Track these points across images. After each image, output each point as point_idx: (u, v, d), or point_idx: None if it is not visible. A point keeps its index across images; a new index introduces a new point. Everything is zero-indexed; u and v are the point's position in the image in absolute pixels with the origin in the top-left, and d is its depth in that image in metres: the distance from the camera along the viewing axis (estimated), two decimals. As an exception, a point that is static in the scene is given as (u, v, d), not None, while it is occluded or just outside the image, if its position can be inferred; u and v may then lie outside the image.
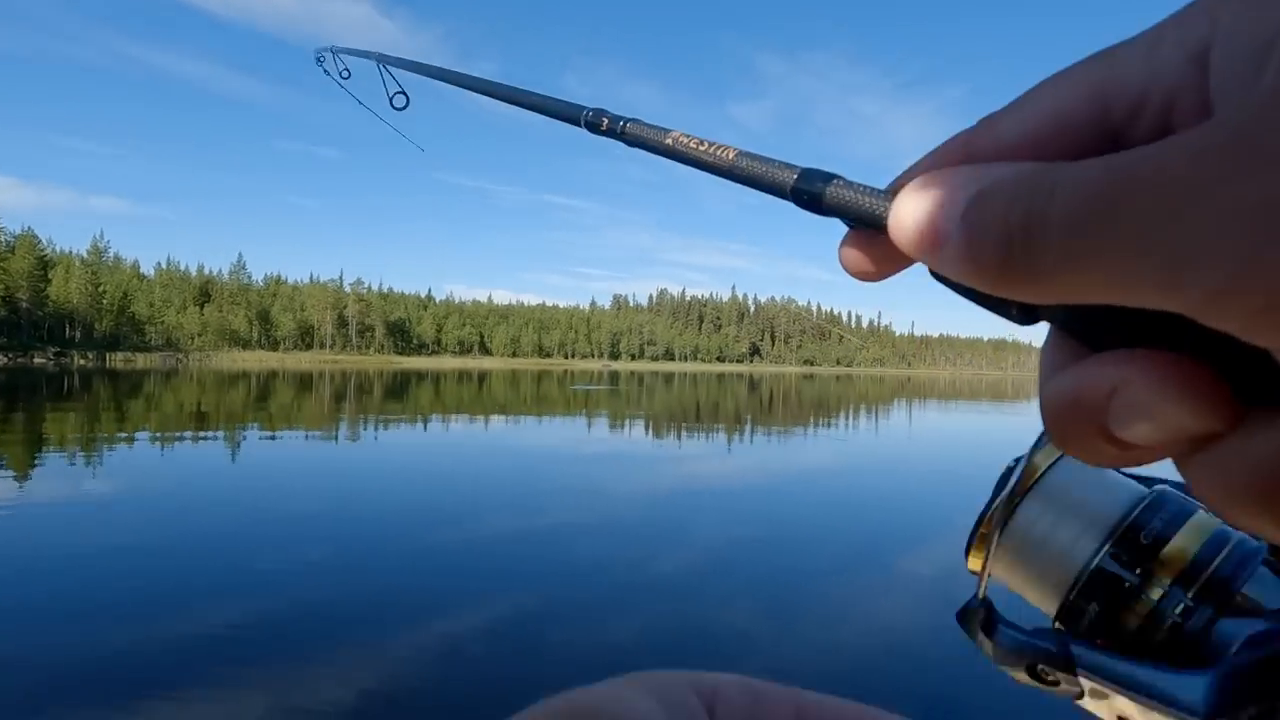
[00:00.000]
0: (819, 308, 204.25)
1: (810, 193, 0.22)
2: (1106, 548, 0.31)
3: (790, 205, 0.25)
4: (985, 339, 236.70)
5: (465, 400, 24.57)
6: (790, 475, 10.12)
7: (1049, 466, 0.33)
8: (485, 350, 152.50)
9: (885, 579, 4.98)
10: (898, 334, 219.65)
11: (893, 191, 0.19)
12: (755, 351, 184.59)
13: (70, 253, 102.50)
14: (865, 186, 0.20)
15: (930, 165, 0.18)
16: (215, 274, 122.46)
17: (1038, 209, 0.14)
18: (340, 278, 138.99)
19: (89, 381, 30.69)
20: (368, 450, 11.34)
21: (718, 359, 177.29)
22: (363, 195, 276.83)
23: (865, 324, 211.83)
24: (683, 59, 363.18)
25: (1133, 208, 0.12)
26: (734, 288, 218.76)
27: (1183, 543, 0.31)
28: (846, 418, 20.91)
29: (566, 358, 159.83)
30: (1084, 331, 0.16)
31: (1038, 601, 0.34)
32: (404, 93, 1.10)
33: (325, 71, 1.43)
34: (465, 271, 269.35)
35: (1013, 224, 0.14)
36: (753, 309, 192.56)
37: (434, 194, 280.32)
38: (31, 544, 5.17)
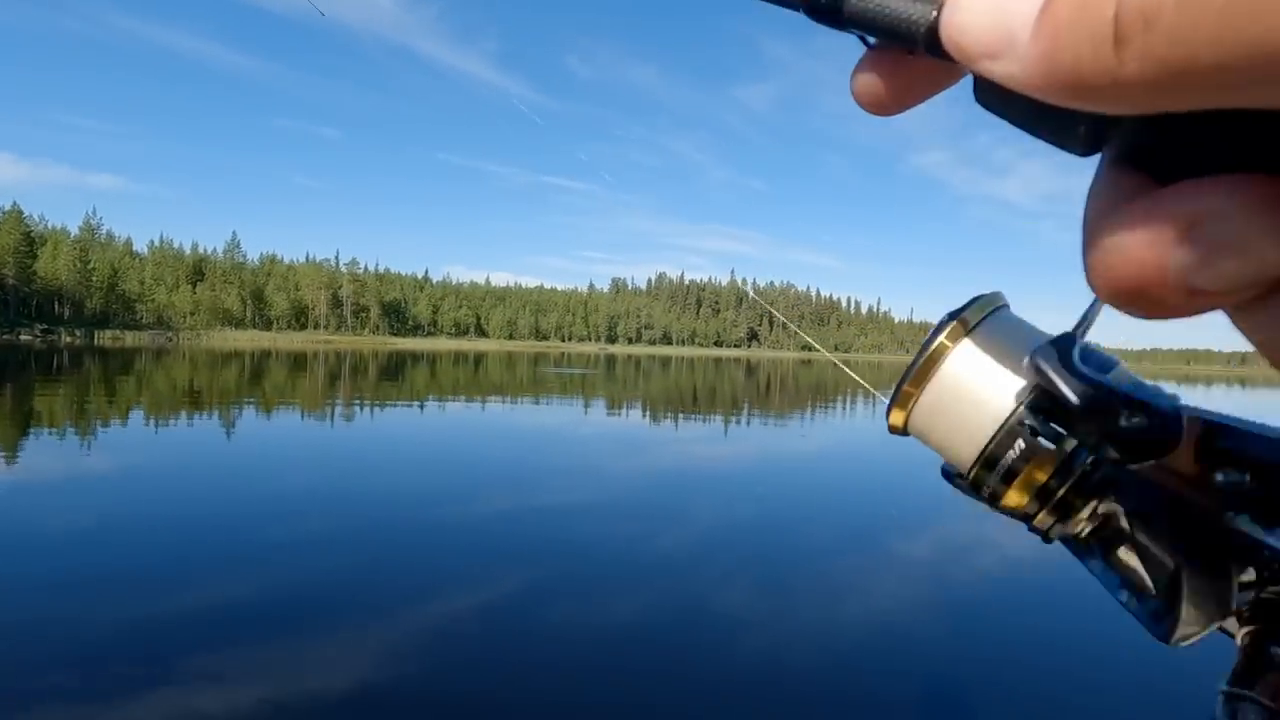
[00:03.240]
0: (818, 293, 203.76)
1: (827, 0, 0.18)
2: (1027, 400, 0.30)
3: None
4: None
5: (461, 382, 24.22)
6: (785, 458, 9.83)
7: (976, 324, 0.32)
8: (481, 332, 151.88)
9: (880, 560, 4.86)
10: (897, 320, 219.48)
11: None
12: (753, 336, 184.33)
13: (62, 228, 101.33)
14: None
15: None
16: (209, 252, 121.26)
17: None
18: (336, 258, 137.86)
19: (79, 359, 30.20)
20: (362, 429, 10.96)
21: (715, 344, 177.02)
22: (363, 175, 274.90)
23: (864, 310, 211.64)
24: (687, 41, 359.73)
25: None
26: (733, 272, 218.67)
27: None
28: (843, 403, 20.69)
29: (563, 340, 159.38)
30: (1154, 158, 0.14)
31: (952, 458, 0.33)
32: None
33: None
34: (465, 254, 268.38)
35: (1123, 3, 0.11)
36: (751, 294, 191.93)
37: (435, 175, 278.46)
38: (20, 521, 4.94)
